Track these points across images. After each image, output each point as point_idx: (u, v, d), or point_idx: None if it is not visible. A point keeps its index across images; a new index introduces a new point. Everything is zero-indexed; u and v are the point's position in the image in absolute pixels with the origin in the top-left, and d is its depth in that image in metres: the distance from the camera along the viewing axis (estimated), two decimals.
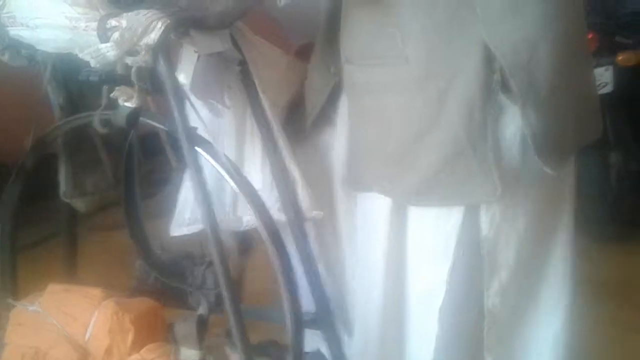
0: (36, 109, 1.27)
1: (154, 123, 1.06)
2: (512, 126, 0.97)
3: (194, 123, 1.02)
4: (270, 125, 1.16)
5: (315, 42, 1.25)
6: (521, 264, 1.08)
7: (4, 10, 1.02)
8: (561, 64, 0.96)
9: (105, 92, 0.97)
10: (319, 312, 1.21)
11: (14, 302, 1.14)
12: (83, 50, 0.93)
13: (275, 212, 1.17)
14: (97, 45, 0.91)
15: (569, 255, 1.14)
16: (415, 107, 0.99)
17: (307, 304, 1.19)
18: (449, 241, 1.06)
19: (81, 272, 1.45)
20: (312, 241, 1.23)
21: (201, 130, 1.05)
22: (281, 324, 1.04)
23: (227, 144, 1.20)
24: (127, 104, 0.95)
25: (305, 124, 1.27)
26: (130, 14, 0.92)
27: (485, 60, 0.92)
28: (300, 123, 1.29)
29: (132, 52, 0.92)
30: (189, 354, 1.09)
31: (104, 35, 0.92)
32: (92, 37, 0.95)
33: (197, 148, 1.00)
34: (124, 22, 0.91)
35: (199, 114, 1.09)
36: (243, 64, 1.12)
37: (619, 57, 2.47)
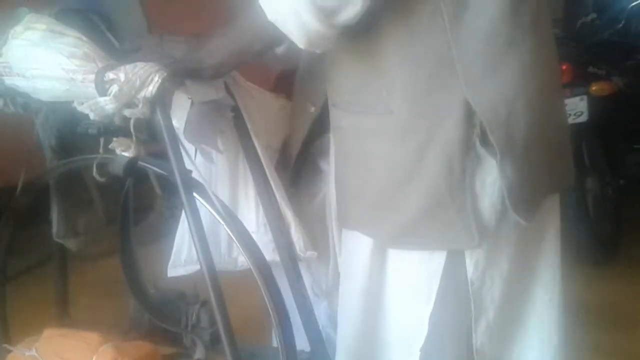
0: (28, 146, 1.27)
1: (151, 167, 1.08)
2: (491, 176, 1.00)
3: (188, 167, 1.04)
4: (263, 168, 1.18)
5: (295, 81, 1.28)
6: (508, 303, 1.11)
7: (1, 60, 1.03)
8: (537, 119, 1.00)
9: (102, 143, 0.99)
10: (314, 351, 1.22)
11: (10, 347, 1.13)
12: (81, 102, 0.95)
13: (270, 253, 1.19)
14: (96, 99, 0.93)
15: (556, 292, 1.18)
16: (397, 157, 1.02)
17: (302, 344, 1.20)
18: (431, 282, 1.07)
19: (72, 300, 1.45)
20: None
21: (195, 174, 1.07)
22: None
23: (221, 187, 1.22)
24: (125, 154, 0.97)
25: (290, 162, 1.30)
26: (128, 67, 0.95)
27: (466, 116, 0.96)
28: (288, 163, 1.31)
29: (130, 105, 0.94)
30: None
31: (102, 89, 0.94)
32: (90, 88, 0.97)
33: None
34: (122, 76, 0.93)
35: (192, 159, 1.11)
36: (236, 109, 1.15)
37: (593, 87, 2.55)
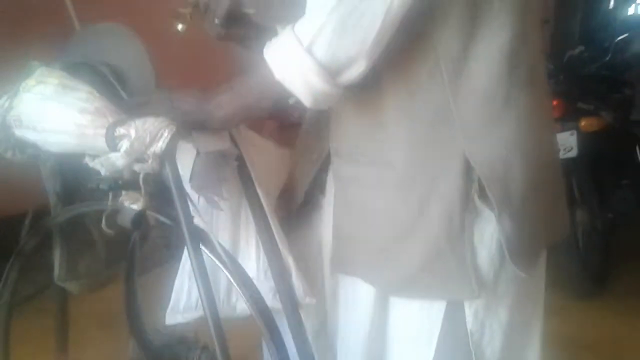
0: (34, 192, 1.29)
1: (158, 216, 1.10)
2: (489, 229, 1.04)
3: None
4: (265, 215, 1.20)
5: (301, 130, 1.31)
6: (507, 353, 1.13)
7: (11, 113, 1.05)
8: (533, 175, 1.03)
9: (111, 197, 1.01)
10: None
11: None
12: (92, 158, 0.97)
13: (270, 300, 1.21)
14: (108, 155, 0.95)
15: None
16: (398, 209, 1.05)
17: None
18: (432, 331, 1.10)
19: (72, 333, 1.46)
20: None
21: (197, 220, 1.09)
22: None
23: (222, 232, 1.24)
24: (133, 207, 1.00)
25: (292, 208, 1.33)
26: (138, 123, 0.97)
27: (465, 170, 1.00)
28: (288, 208, 1.34)
29: (140, 160, 0.97)
30: None
31: (112, 144, 0.97)
32: (100, 142, 1.00)
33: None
34: (132, 132, 0.96)
35: (196, 205, 1.14)
36: (240, 158, 1.18)
37: (582, 123, 2.62)
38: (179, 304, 1.25)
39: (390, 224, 1.07)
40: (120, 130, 0.97)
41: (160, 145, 0.97)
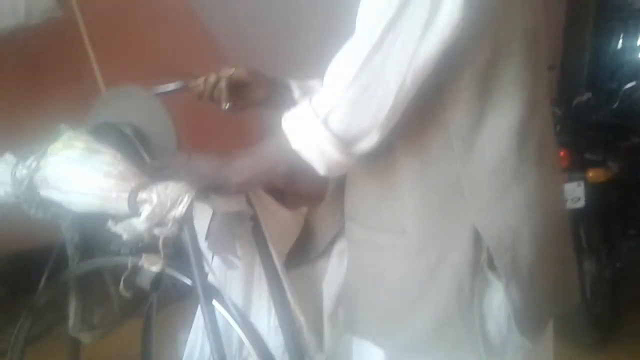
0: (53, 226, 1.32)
1: (175, 275, 1.13)
2: (498, 298, 1.06)
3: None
4: (278, 273, 1.24)
5: (327, 191, 1.35)
6: None
7: (38, 174, 1.10)
8: (542, 246, 1.06)
9: (130, 261, 1.05)
10: None
11: None
12: (115, 222, 1.01)
13: (280, 356, 1.24)
14: (130, 220, 0.99)
15: None
16: (409, 275, 1.08)
17: None
18: None
19: None
20: None
21: (211, 278, 1.13)
22: None
23: (235, 289, 1.27)
24: (152, 269, 1.03)
25: (305, 260, 1.36)
26: (160, 188, 1.01)
27: (474, 240, 1.03)
28: (297, 263, 1.37)
29: (160, 224, 1.01)
30: None
31: (134, 208, 1.01)
32: (122, 204, 1.04)
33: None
34: (154, 197, 1.00)
35: (210, 264, 1.17)
36: (254, 218, 1.21)
37: (590, 174, 2.63)
38: (192, 358, 1.27)
39: (400, 289, 1.10)
40: (142, 195, 1.01)
41: (180, 210, 1.01)
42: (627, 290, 3.00)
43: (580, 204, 2.61)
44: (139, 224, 0.99)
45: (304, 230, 1.38)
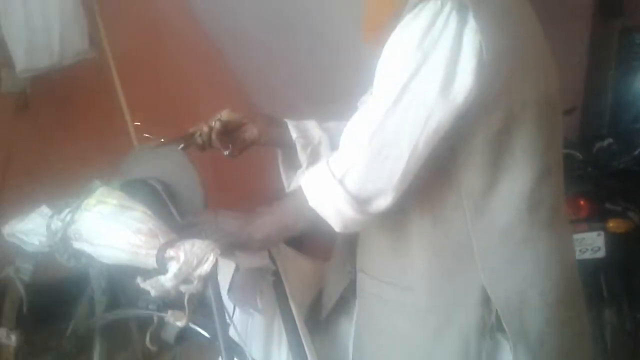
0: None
1: (198, 329, 1.16)
2: None
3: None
4: (297, 327, 1.26)
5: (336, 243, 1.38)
6: None
7: (73, 227, 1.15)
8: (551, 310, 1.07)
9: (156, 316, 1.08)
10: None
11: None
12: (143, 279, 1.05)
13: None
14: (158, 277, 1.03)
15: None
16: (416, 332, 1.10)
17: None
18: None
19: None
20: None
21: (232, 331, 1.16)
22: None
23: (256, 342, 1.30)
24: (177, 324, 1.07)
25: (322, 315, 1.38)
26: (187, 246, 1.05)
27: (483, 301, 1.05)
28: (319, 315, 1.39)
29: (186, 281, 1.05)
30: None
31: (162, 264, 1.05)
32: (150, 260, 1.08)
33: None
34: (181, 255, 1.04)
35: (231, 317, 1.20)
36: (276, 273, 1.25)
37: (610, 224, 2.63)
38: None
39: (408, 346, 1.11)
40: (170, 253, 1.06)
41: (206, 268, 1.05)
42: None
43: (601, 253, 2.61)
44: (167, 281, 1.03)
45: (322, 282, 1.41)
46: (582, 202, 2.64)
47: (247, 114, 1.32)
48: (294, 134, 1.29)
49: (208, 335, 1.14)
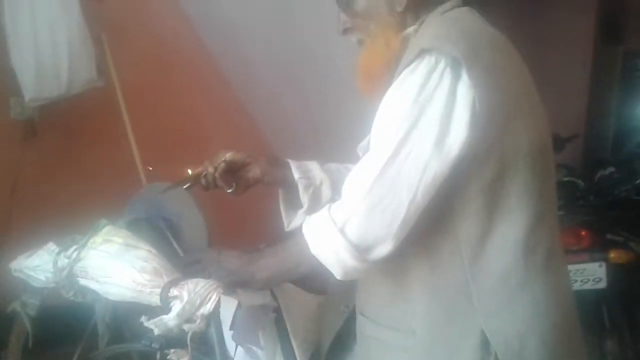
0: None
1: None
2: None
3: None
4: None
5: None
6: None
7: (79, 264, 1.17)
8: (550, 353, 1.08)
9: (159, 355, 1.10)
10: None
11: None
12: (147, 317, 1.07)
13: None
14: (161, 317, 1.05)
15: None
16: None
17: None
18: None
19: None
20: None
21: None
22: None
23: None
24: None
25: (323, 353, 1.39)
26: (190, 285, 1.08)
27: (482, 344, 1.06)
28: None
29: (189, 320, 1.07)
30: None
31: (166, 303, 1.08)
32: (154, 299, 1.11)
33: None
34: (185, 295, 1.07)
35: (233, 354, 1.22)
36: (277, 310, 1.27)
37: (611, 255, 2.64)
38: None
39: None
40: (174, 292, 1.08)
41: (209, 307, 1.07)
42: None
43: (602, 284, 2.61)
44: (170, 320, 1.05)
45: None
46: (583, 233, 2.65)
47: (250, 154, 1.34)
48: (296, 175, 1.32)
49: None
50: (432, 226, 1.06)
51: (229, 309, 1.22)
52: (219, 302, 1.07)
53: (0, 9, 2.31)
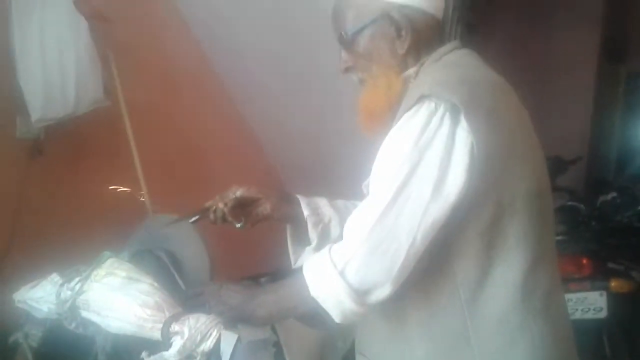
0: None
1: None
2: None
3: None
4: None
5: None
6: None
7: (82, 296, 1.18)
8: None
9: None
10: None
11: None
12: (148, 353, 1.08)
13: None
14: (162, 353, 1.06)
15: None
16: None
17: None
18: None
19: None
20: None
21: None
22: None
23: None
24: None
25: None
26: (192, 321, 1.09)
27: None
28: None
29: (189, 357, 1.08)
30: None
31: (167, 338, 1.08)
32: (156, 333, 1.12)
33: None
34: (186, 331, 1.08)
35: None
36: (278, 345, 1.27)
37: (612, 284, 2.63)
38: None
39: None
40: (175, 327, 1.09)
41: (209, 344, 1.08)
42: None
43: (603, 314, 2.60)
44: (170, 357, 1.06)
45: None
46: (584, 261, 2.65)
47: (262, 190, 1.35)
48: (305, 212, 1.32)
49: None
50: (430, 269, 1.07)
51: (229, 343, 1.23)
52: (219, 338, 1.08)
53: (9, 29, 2.34)
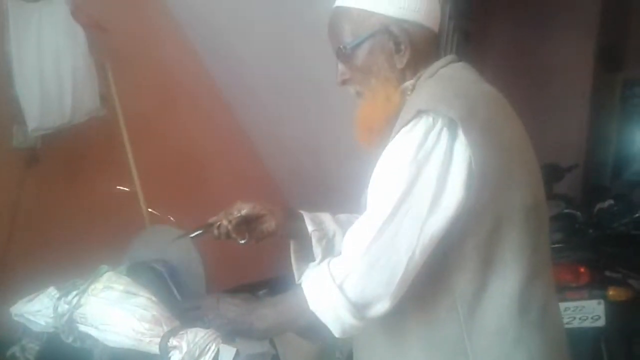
0: None
1: None
2: None
3: None
4: None
5: None
6: None
7: (80, 310, 1.18)
8: None
9: None
10: None
11: None
12: None
13: None
14: None
15: None
16: None
17: None
18: None
19: None
20: None
21: None
22: None
23: None
24: None
25: None
26: (190, 335, 1.08)
27: None
28: None
29: None
30: None
31: (165, 353, 1.08)
32: (154, 348, 1.11)
33: None
34: (184, 345, 1.07)
35: None
36: (276, 358, 1.27)
37: (610, 292, 2.63)
38: None
39: None
40: (173, 342, 1.09)
41: (208, 358, 1.07)
42: None
43: (600, 322, 2.60)
44: None
45: None
46: (582, 269, 2.65)
47: (267, 206, 1.34)
48: (310, 227, 1.31)
49: None
50: (428, 282, 1.07)
51: (227, 357, 1.22)
52: (218, 352, 1.07)
53: (6, 38, 2.34)
